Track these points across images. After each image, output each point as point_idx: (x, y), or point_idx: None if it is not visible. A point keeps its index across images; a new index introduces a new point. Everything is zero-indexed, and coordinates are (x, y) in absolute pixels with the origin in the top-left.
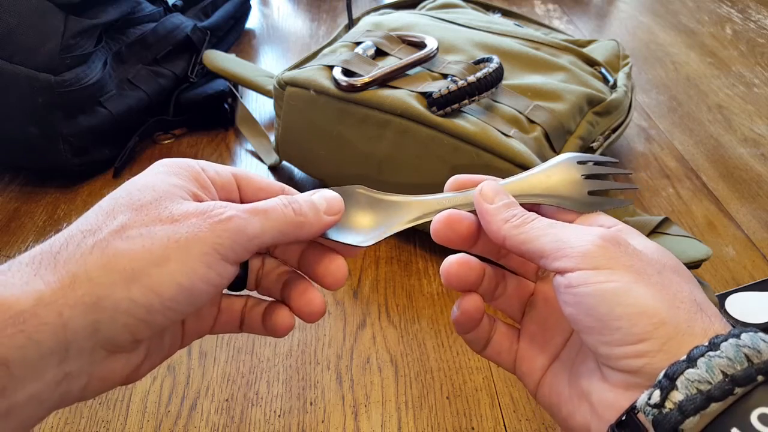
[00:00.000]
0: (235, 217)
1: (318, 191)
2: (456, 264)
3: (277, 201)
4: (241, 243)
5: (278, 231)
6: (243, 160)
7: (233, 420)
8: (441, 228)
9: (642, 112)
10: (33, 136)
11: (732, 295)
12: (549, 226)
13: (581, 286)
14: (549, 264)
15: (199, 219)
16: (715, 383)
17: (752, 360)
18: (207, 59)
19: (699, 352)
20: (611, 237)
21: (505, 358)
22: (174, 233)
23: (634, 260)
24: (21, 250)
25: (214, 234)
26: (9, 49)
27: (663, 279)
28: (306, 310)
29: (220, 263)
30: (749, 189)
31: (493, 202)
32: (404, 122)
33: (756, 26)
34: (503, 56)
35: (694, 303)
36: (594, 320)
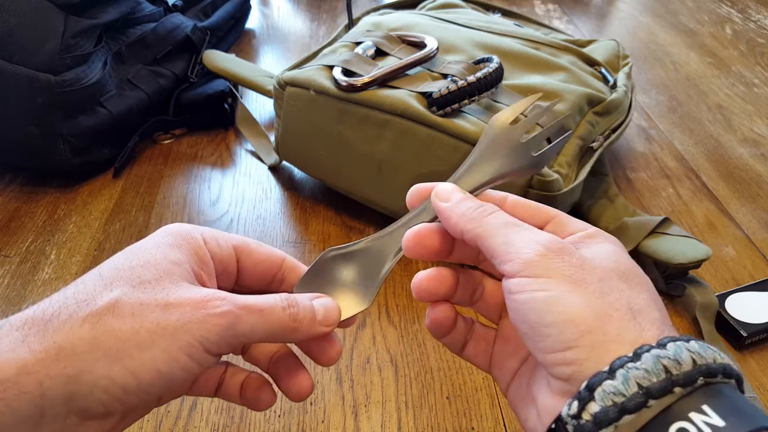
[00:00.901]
0: (229, 312)
1: (319, 297)
2: (425, 280)
3: (277, 300)
4: (227, 339)
5: (268, 332)
6: (243, 160)
7: (233, 420)
8: (411, 246)
9: (642, 112)
10: (33, 136)
11: (732, 295)
12: (503, 225)
13: (518, 293)
14: (498, 266)
15: (193, 308)
16: (629, 395)
17: (671, 371)
18: (207, 59)
19: (620, 362)
20: (556, 246)
21: (482, 360)
22: (164, 319)
23: (575, 269)
24: (21, 250)
25: (204, 327)
26: (9, 49)
27: (602, 287)
28: (294, 391)
29: (202, 354)
30: (749, 189)
31: (448, 200)
32: (404, 122)
33: (756, 26)
34: (503, 56)
35: (629, 311)
36: (528, 327)
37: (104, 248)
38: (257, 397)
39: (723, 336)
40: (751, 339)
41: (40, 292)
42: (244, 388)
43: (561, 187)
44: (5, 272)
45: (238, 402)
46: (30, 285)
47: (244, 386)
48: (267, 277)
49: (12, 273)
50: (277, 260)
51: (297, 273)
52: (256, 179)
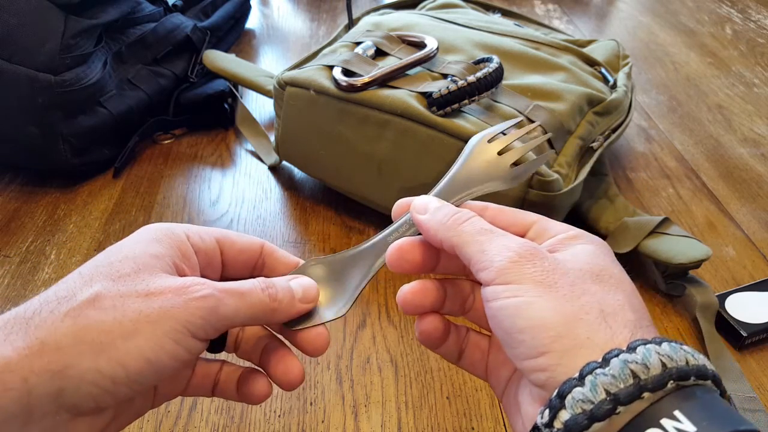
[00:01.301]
0: (210, 296)
1: (296, 277)
2: (408, 293)
3: (255, 284)
4: (212, 322)
5: (250, 315)
6: (243, 160)
7: (233, 420)
8: (394, 262)
9: (642, 112)
10: (33, 136)
11: (732, 295)
12: (478, 233)
13: (493, 300)
14: (474, 274)
15: (174, 295)
16: (597, 402)
17: (639, 376)
18: (207, 59)
19: (589, 368)
20: (529, 251)
21: (479, 369)
22: (146, 307)
23: (547, 274)
24: (21, 250)
25: (187, 311)
26: (9, 49)
27: (573, 290)
28: (284, 379)
29: (189, 340)
30: (749, 189)
31: (426, 211)
32: (404, 122)
33: (756, 26)
34: (503, 56)
35: (600, 314)
36: (503, 333)
37: (104, 248)
38: (252, 390)
39: (723, 336)
40: (751, 339)
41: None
42: (240, 384)
43: (561, 187)
44: (5, 272)
45: (236, 398)
46: (30, 285)
47: (240, 382)
48: (249, 265)
49: (12, 273)
50: (256, 247)
51: (275, 257)
52: (256, 179)
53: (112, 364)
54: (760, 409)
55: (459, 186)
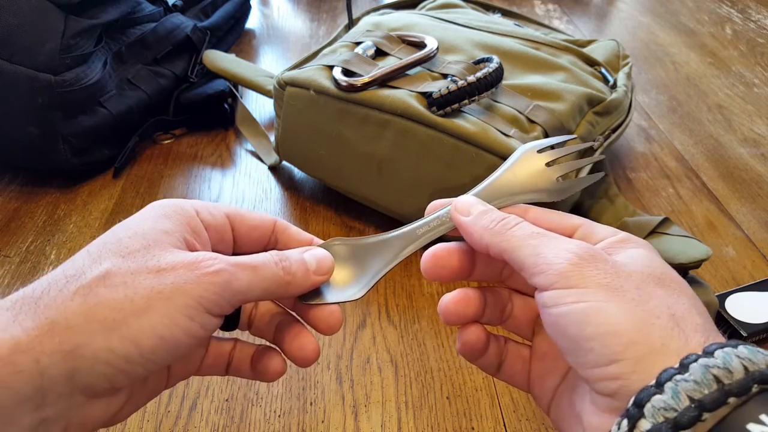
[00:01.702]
0: (223, 270)
1: (310, 249)
2: (451, 303)
3: (268, 257)
4: (226, 297)
5: (264, 289)
6: (243, 160)
7: (233, 420)
8: (430, 269)
9: (642, 112)
10: (33, 136)
11: (732, 295)
12: (529, 236)
13: (554, 306)
14: (528, 278)
15: (187, 270)
16: (681, 410)
17: (722, 381)
18: (207, 59)
19: (667, 375)
20: (589, 253)
21: (520, 380)
22: (159, 284)
23: (611, 277)
24: (21, 250)
25: (201, 286)
26: (9, 49)
27: (641, 294)
28: (299, 355)
29: (203, 315)
30: (749, 189)
31: (469, 213)
32: (404, 122)
33: (756, 26)
34: (503, 56)
35: (671, 318)
36: (568, 341)
37: None
38: (267, 367)
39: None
40: (751, 339)
41: None
42: (254, 362)
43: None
44: (5, 272)
45: (250, 376)
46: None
47: (254, 360)
48: (261, 242)
49: (12, 273)
50: (269, 224)
51: (288, 234)
52: (256, 179)
53: (125, 343)
54: None
55: (501, 191)
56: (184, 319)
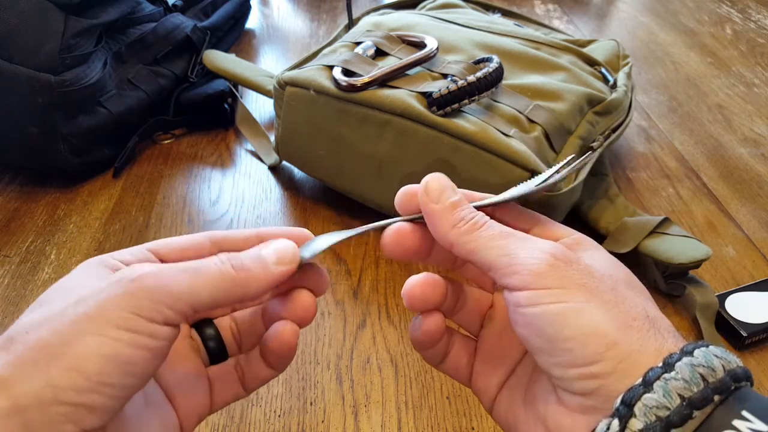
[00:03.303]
0: (149, 274)
1: (269, 242)
2: (418, 286)
3: (213, 258)
4: (165, 301)
5: (215, 289)
6: (243, 160)
7: (233, 420)
8: (390, 245)
9: (642, 112)
10: (33, 136)
11: (732, 295)
12: (499, 236)
13: (530, 306)
14: (498, 279)
15: (109, 286)
16: (674, 408)
17: (707, 379)
18: (207, 59)
19: (654, 374)
20: (562, 254)
21: (462, 373)
22: (83, 309)
23: (586, 277)
24: (21, 250)
25: (129, 296)
26: (9, 49)
27: (616, 296)
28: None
29: (146, 325)
30: (749, 189)
31: (438, 201)
32: (404, 122)
33: (756, 26)
34: (503, 56)
35: (646, 319)
36: (544, 341)
37: (104, 248)
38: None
39: (723, 336)
40: (751, 339)
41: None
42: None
43: (561, 187)
44: (5, 272)
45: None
46: (30, 285)
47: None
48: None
49: (12, 273)
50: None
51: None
52: (256, 179)
53: (66, 374)
54: None
55: None
56: (123, 332)
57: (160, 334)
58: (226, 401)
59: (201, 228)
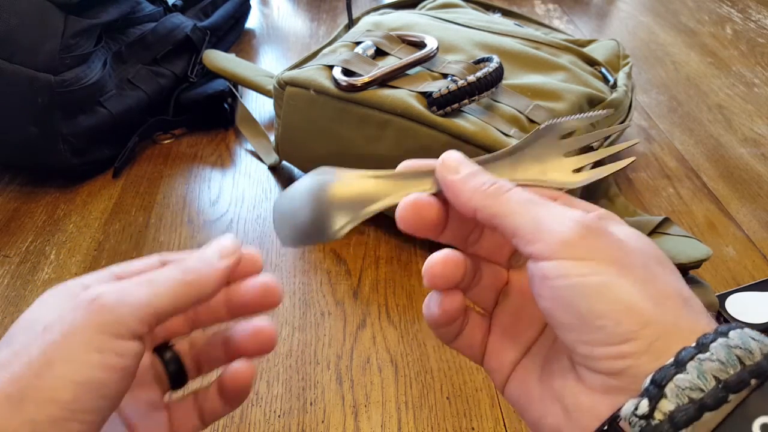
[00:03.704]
0: (107, 292)
1: (210, 242)
2: (441, 264)
3: (162, 269)
4: (128, 314)
5: (173, 294)
6: (243, 160)
7: (233, 420)
8: (408, 216)
9: (642, 112)
10: (33, 136)
11: (732, 295)
12: (527, 202)
13: (560, 278)
14: (523, 246)
15: (72, 310)
16: (708, 390)
17: (744, 362)
18: (207, 59)
19: (688, 354)
20: (594, 224)
21: (476, 351)
22: (50, 338)
23: (618, 251)
24: (21, 250)
25: (92, 315)
26: (9, 49)
27: (649, 272)
28: (258, 347)
29: (112, 342)
30: (749, 189)
31: (458, 172)
32: (404, 122)
33: (756, 26)
34: (503, 56)
35: (680, 297)
36: (573, 317)
37: (104, 248)
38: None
39: None
40: None
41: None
42: (223, 390)
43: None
44: (5, 272)
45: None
46: (30, 285)
47: (221, 389)
48: None
49: (12, 273)
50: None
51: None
52: (256, 179)
53: (42, 407)
54: None
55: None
56: (91, 354)
57: (127, 351)
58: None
59: (201, 227)
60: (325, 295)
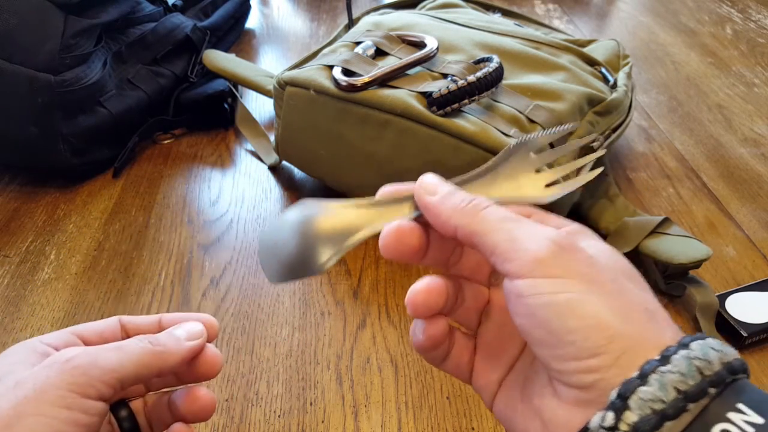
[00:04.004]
0: (80, 354)
1: (180, 324)
2: (423, 293)
3: (133, 339)
4: (98, 377)
5: (138, 362)
6: (243, 160)
7: (233, 420)
8: (391, 244)
9: (642, 112)
10: (33, 136)
11: (732, 295)
12: (503, 220)
13: (533, 296)
14: (499, 265)
15: (44, 368)
16: (669, 401)
17: (703, 372)
18: (207, 59)
19: (650, 367)
20: (565, 241)
21: (464, 371)
22: (21, 393)
23: (588, 267)
24: (21, 250)
25: (65, 374)
26: (9, 49)
27: (617, 287)
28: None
29: (80, 401)
30: (749, 189)
31: (435, 193)
32: (404, 122)
33: (756, 26)
34: (503, 56)
35: (646, 311)
36: (546, 333)
37: (104, 248)
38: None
39: (723, 336)
40: (752, 339)
41: (39, 292)
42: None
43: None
44: (5, 272)
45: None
46: (30, 285)
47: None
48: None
49: (12, 273)
50: (113, 322)
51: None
52: (256, 179)
53: None
54: None
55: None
56: (60, 410)
57: (93, 410)
58: None
59: (201, 227)
60: (325, 295)
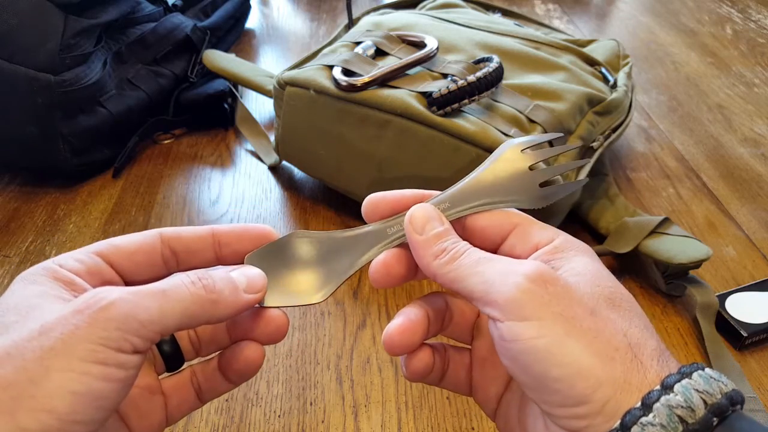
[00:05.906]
0: (118, 301)
1: (238, 267)
2: (398, 334)
3: (182, 278)
4: (135, 330)
5: (184, 313)
6: (243, 160)
7: (233, 420)
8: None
9: (642, 112)
10: (33, 136)
11: (732, 295)
12: (477, 263)
13: (513, 341)
14: (480, 308)
15: (75, 315)
16: None
17: (686, 421)
18: (207, 59)
19: (632, 417)
20: (538, 275)
21: (463, 387)
22: (48, 341)
23: (564, 303)
24: (21, 250)
25: (97, 327)
26: (9, 49)
27: (596, 322)
28: (268, 328)
29: (115, 355)
30: (749, 189)
31: (423, 231)
32: (404, 122)
33: (756, 26)
34: (503, 56)
35: (629, 349)
36: (531, 379)
37: None
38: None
39: (723, 336)
40: (751, 339)
41: None
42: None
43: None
44: (5, 272)
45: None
46: None
47: (224, 365)
48: (156, 261)
49: (12, 273)
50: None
51: (182, 239)
52: (256, 179)
53: (36, 416)
54: (761, 409)
55: (478, 192)
56: (92, 366)
57: (129, 364)
58: (182, 414)
59: None
60: None
